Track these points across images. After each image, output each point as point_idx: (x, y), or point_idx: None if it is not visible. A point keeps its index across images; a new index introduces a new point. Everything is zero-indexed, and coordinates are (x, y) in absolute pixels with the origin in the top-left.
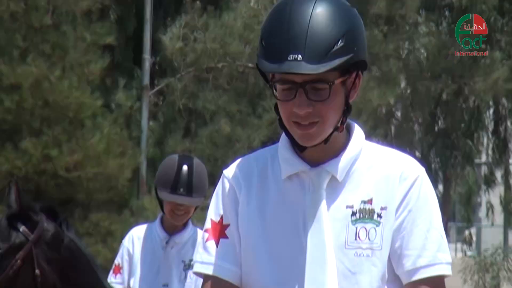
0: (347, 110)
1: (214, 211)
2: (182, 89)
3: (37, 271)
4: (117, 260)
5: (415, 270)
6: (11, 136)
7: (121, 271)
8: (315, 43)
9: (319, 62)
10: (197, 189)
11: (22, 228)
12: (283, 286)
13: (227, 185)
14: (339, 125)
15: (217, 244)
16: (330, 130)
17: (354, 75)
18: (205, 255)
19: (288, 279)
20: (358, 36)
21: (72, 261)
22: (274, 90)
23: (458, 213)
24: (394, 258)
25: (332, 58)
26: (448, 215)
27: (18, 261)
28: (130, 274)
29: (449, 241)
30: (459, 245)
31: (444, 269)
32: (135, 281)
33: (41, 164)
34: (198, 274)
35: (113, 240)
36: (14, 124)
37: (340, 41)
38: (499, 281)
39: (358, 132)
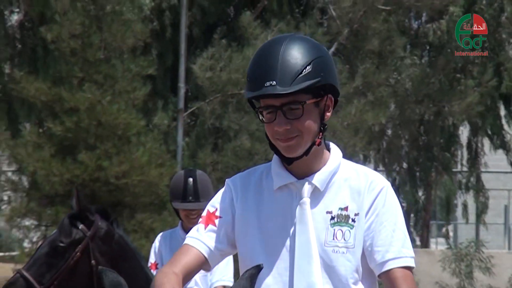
0: (323, 128)
1: (211, 204)
2: (210, 111)
3: (92, 261)
4: (152, 259)
5: (384, 262)
6: (71, 151)
7: (157, 266)
8: (286, 70)
9: (290, 85)
10: (203, 194)
11: (81, 226)
12: (277, 277)
13: (227, 191)
14: (316, 139)
15: (205, 228)
16: (309, 143)
17: (326, 98)
18: (193, 232)
19: (281, 271)
20: (325, 64)
21: (121, 253)
22: (262, 116)
23: (438, 213)
24: (367, 254)
25: (301, 81)
26: (429, 215)
27: (78, 253)
28: None
29: (430, 236)
30: (439, 239)
31: (408, 261)
32: None
33: (95, 173)
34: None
35: (154, 236)
36: (73, 140)
37: (308, 67)
38: (471, 268)
39: (336, 151)
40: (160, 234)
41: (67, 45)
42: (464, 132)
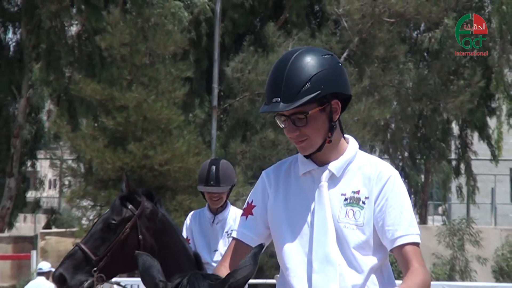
0: (331, 127)
1: (249, 197)
2: (240, 107)
3: (140, 237)
4: (184, 235)
5: (395, 239)
6: (121, 142)
7: (189, 241)
8: (289, 88)
9: (292, 101)
10: (224, 180)
11: (130, 206)
12: (299, 247)
13: (261, 181)
14: (327, 138)
15: (246, 218)
16: (319, 142)
17: (330, 104)
18: (238, 225)
19: (303, 242)
20: (326, 76)
21: (164, 229)
22: (279, 122)
23: (435, 194)
24: (380, 233)
25: (301, 96)
26: (427, 196)
27: (127, 229)
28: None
29: (428, 214)
30: (435, 217)
31: (415, 238)
32: (196, 249)
33: (142, 161)
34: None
35: None
36: (123, 133)
37: (307, 83)
38: (463, 242)
39: (353, 144)
40: (191, 213)
41: (118, 52)
42: (456, 126)
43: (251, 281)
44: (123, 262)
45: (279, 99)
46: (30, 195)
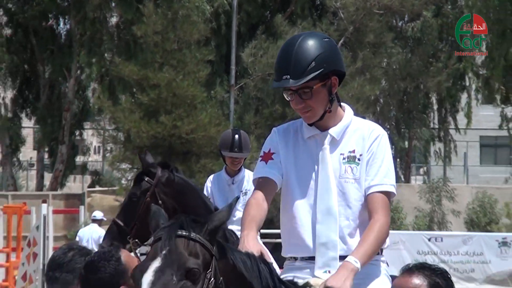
0: (331, 99)
1: (265, 148)
2: (253, 86)
3: (160, 202)
4: (206, 193)
5: (369, 187)
6: (154, 114)
7: (211, 199)
8: (297, 67)
9: (300, 78)
10: (244, 147)
11: (146, 178)
12: (305, 201)
13: (273, 136)
14: (327, 108)
15: (266, 163)
16: (321, 112)
17: (330, 79)
18: (258, 170)
19: (309, 197)
20: (327, 57)
21: (182, 190)
22: (286, 96)
23: (417, 158)
24: (363, 183)
25: (307, 74)
26: (411, 159)
27: (148, 198)
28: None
29: (411, 174)
30: (417, 176)
31: (388, 188)
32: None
33: (171, 130)
34: (253, 181)
35: None
36: (156, 107)
37: (312, 63)
38: (440, 198)
39: (348, 111)
40: (210, 176)
41: (151, 39)
42: (435, 100)
43: (262, 230)
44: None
45: (289, 76)
46: (78, 159)
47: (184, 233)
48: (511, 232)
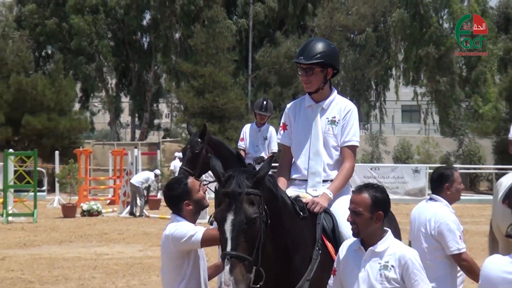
0: (325, 82)
1: (282, 120)
2: (263, 75)
3: (208, 154)
4: (241, 145)
5: (344, 142)
6: (202, 93)
7: (243, 140)
8: (309, 53)
9: (308, 60)
10: (269, 109)
11: (200, 140)
12: (304, 146)
13: (287, 112)
14: (320, 86)
15: (283, 131)
16: (316, 87)
17: (327, 69)
18: (279, 135)
19: (306, 144)
20: (329, 55)
21: (217, 145)
22: (299, 71)
23: (363, 119)
24: (339, 137)
25: (313, 59)
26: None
27: (203, 152)
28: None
29: (360, 128)
30: (364, 130)
31: (354, 143)
32: (247, 146)
33: (212, 103)
34: (278, 142)
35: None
36: (202, 89)
37: (318, 54)
38: (378, 143)
39: (335, 91)
40: (247, 125)
41: (199, 47)
42: (374, 83)
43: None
44: (206, 168)
45: (302, 58)
46: (156, 121)
47: (244, 190)
48: (420, 164)
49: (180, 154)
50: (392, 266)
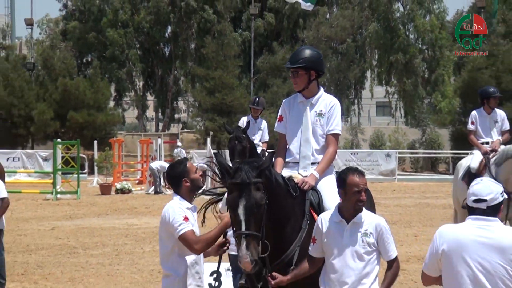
0: (309, 82)
1: (279, 112)
2: (262, 78)
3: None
4: (241, 124)
5: (328, 130)
6: (213, 92)
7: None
8: (294, 58)
9: (293, 64)
10: (261, 104)
11: (236, 136)
12: (296, 134)
13: (283, 105)
14: (306, 86)
15: (280, 122)
16: (302, 87)
17: (310, 72)
18: (276, 125)
19: (298, 133)
20: (311, 60)
21: (248, 139)
22: (290, 73)
23: (344, 112)
24: (325, 127)
25: (296, 64)
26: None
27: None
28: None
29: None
30: (345, 122)
31: (337, 131)
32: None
33: (222, 100)
34: (276, 131)
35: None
36: (213, 89)
37: (301, 60)
38: (356, 132)
39: (322, 89)
40: (244, 117)
41: (211, 55)
42: (353, 83)
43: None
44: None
45: (289, 63)
46: (176, 115)
47: (252, 180)
48: (391, 149)
49: (180, 143)
50: (371, 233)
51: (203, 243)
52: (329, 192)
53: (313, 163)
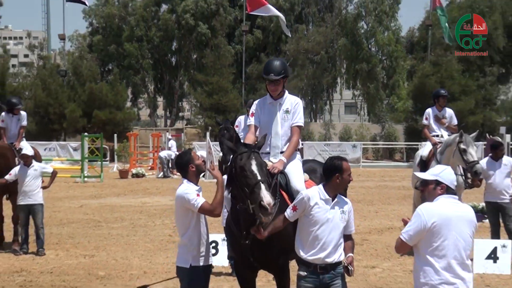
0: (283, 87)
1: (251, 110)
2: (253, 82)
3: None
4: (236, 123)
5: (292, 123)
6: (211, 94)
7: (238, 127)
8: (277, 69)
9: (278, 75)
10: (248, 105)
11: (225, 126)
12: (269, 129)
13: (254, 105)
14: (281, 91)
15: (252, 117)
16: (280, 92)
17: (286, 79)
18: (249, 119)
19: (269, 128)
20: (287, 69)
21: (233, 129)
22: (268, 83)
23: (319, 112)
24: (290, 121)
25: (281, 74)
26: (317, 112)
27: (232, 135)
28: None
29: (317, 118)
30: (319, 120)
31: (300, 124)
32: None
33: (218, 101)
34: (247, 124)
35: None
36: (211, 92)
37: (282, 71)
38: (329, 128)
39: (287, 92)
40: (240, 116)
41: (209, 64)
42: (326, 88)
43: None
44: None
45: (273, 74)
46: (180, 114)
47: (255, 151)
48: (357, 141)
49: (170, 136)
50: (346, 211)
51: (217, 206)
52: (295, 174)
53: (281, 152)
